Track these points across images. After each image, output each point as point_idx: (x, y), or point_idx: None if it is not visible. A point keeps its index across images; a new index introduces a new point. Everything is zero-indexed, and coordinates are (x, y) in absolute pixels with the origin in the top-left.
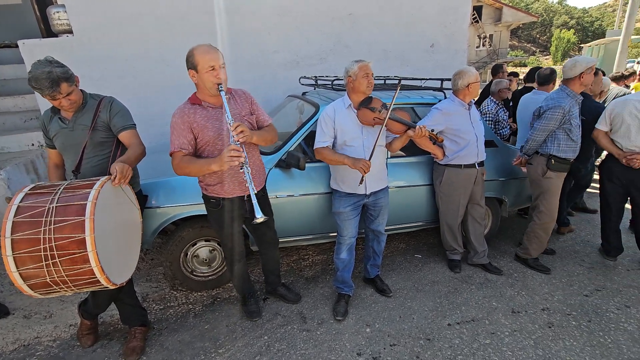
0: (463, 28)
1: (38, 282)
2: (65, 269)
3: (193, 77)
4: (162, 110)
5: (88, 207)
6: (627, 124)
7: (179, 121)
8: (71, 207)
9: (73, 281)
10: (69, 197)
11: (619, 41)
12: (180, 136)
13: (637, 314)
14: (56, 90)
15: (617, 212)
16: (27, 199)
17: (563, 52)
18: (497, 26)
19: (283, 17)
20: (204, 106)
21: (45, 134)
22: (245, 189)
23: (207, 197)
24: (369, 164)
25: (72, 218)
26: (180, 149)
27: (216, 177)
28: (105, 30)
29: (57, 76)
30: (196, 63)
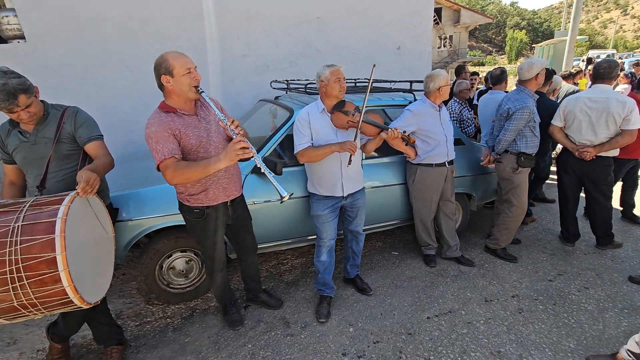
0: (427, 30)
1: (4, 306)
2: (34, 291)
3: (168, 82)
4: (126, 118)
5: (58, 224)
6: (579, 119)
7: (159, 129)
8: (39, 225)
9: (43, 303)
10: (35, 214)
11: (567, 41)
12: (167, 142)
13: (595, 294)
14: (13, 103)
15: (573, 201)
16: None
17: (517, 52)
18: (456, 27)
19: (251, 21)
20: (179, 114)
21: (2, 149)
22: (229, 194)
23: (190, 208)
24: (355, 144)
25: (40, 237)
26: (171, 155)
27: (200, 186)
28: (62, 36)
29: (14, 88)
30: (171, 67)
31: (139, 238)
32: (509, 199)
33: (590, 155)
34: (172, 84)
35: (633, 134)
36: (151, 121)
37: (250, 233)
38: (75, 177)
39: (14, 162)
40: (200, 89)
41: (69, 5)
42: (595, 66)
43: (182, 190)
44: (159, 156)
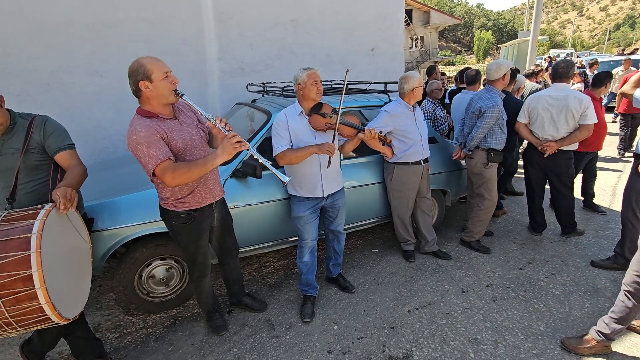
0: (398, 32)
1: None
2: (9, 310)
3: (147, 88)
4: (97, 125)
5: (33, 240)
6: (542, 116)
7: (147, 134)
8: (12, 241)
9: (19, 322)
10: (8, 230)
11: (529, 41)
12: (159, 146)
13: (561, 279)
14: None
15: (539, 193)
16: None
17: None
18: (427, 28)
19: (224, 23)
20: (161, 118)
21: None
22: (215, 194)
23: (177, 213)
24: (334, 146)
25: (14, 254)
26: (167, 157)
27: (187, 189)
28: (25, 40)
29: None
30: (150, 72)
31: (116, 248)
32: (481, 193)
33: (552, 149)
34: (151, 89)
35: (590, 128)
36: (136, 127)
37: (232, 234)
38: (46, 188)
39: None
40: (180, 92)
41: (32, 9)
42: (554, 66)
43: (169, 196)
44: (154, 160)
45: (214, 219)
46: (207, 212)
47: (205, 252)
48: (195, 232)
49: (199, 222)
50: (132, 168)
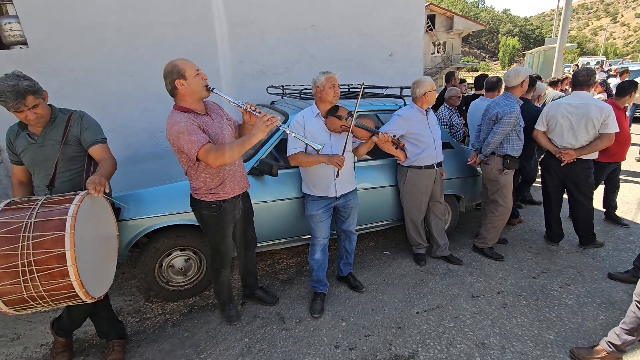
0: (418, 38)
1: (14, 298)
2: (43, 284)
3: (182, 85)
4: (126, 122)
5: (68, 222)
6: (560, 124)
7: (187, 123)
8: (50, 222)
9: (51, 296)
10: (47, 212)
11: (556, 48)
12: (198, 132)
13: (575, 290)
14: (21, 102)
15: (556, 202)
16: (3, 215)
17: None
18: (450, 34)
19: (247, 28)
20: (196, 114)
21: (11, 150)
22: (242, 186)
23: (208, 203)
24: (343, 159)
25: (51, 233)
26: (207, 141)
27: (218, 179)
28: (63, 41)
29: (23, 89)
30: (183, 71)
31: (139, 237)
32: (495, 199)
33: (571, 158)
34: (186, 86)
35: (611, 137)
36: (176, 119)
37: (252, 227)
38: (80, 178)
39: (22, 163)
40: (211, 87)
41: (69, 12)
42: (574, 74)
43: (201, 186)
44: (197, 145)
45: (239, 210)
46: (234, 203)
47: (229, 243)
48: (223, 221)
49: (227, 212)
50: (157, 163)
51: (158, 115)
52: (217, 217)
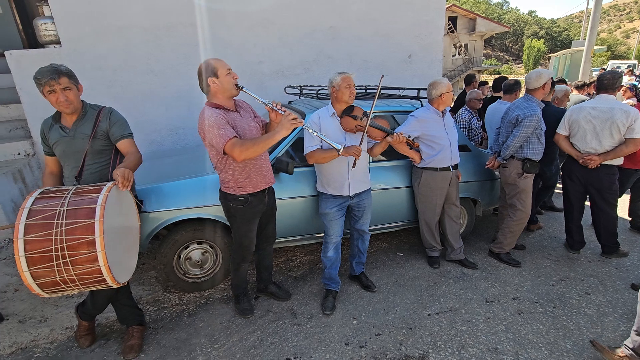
0: (438, 40)
1: (47, 281)
2: (74, 268)
3: (214, 83)
4: (149, 119)
5: (97, 210)
6: (583, 128)
7: (217, 118)
8: (81, 210)
9: (81, 280)
10: (78, 200)
11: (583, 51)
12: (227, 127)
13: (596, 299)
14: (54, 79)
15: (578, 209)
16: (37, 203)
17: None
18: (472, 36)
19: (267, 28)
20: (226, 110)
21: (45, 142)
22: (268, 180)
23: (235, 196)
24: (360, 149)
25: (82, 220)
26: (234, 135)
27: (245, 173)
28: (93, 42)
29: (61, 70)
30: (216, 69)
31: (159, 229)
32: (514, 204)
33: (595, 163)
34: (217, 84)
35: (637, 142)
36: (207, 114)
37: (273, 222)
38: (107, 171)
39: (54, 154)
40: (241, 85)
41: (101, 14)
42: (599, 77)
43: (229, 179)
44: (224, 139)
45: (265, 205)
46: (260, 197)
47: (253, 237)
48: (248, 214)
49: (254, 205)
50: (177, 159)
51: (179, 113)
52: (243, 209)
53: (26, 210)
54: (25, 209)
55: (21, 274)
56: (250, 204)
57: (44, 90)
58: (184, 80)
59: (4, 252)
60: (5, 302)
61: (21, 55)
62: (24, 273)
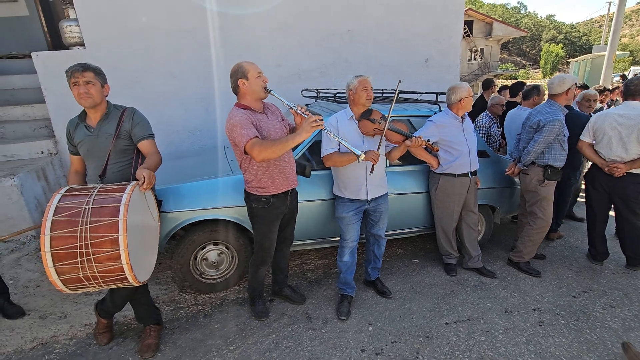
0: (456, 44)
1: (71, 277)
2: (97, 266)
3: (244, 85)
4: (168, 120)
5: (122, 209)
6: (609, 135)
7: (242, 118)
8: (106, 208)
9: (103, 277)
10: (103, 199)
11: (605, 56)
12: (250, 127)
13: (621, 313)
14: (79, 70)
15: (601, 218)
16: (64, 200)
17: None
18: (488, 40)
19: (286, 32)
20: (253, 111)
21: (70, 141)
22: (291, 182)
23: (258, 197)
24: (378, 154)
25: (106, 219)
26: (255, 135)
27: (267, 174)
28: (116, 43)
29: (89, 66)
30: (246, 72)
31: (177, 229)
32: (534, 211)
33: (621, 172)
34: (247, 86)
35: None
36: (234, 113)
37: (293, 224)
38: (129, 170)
39: (79, 153)
40: (269, 88)
41: (124, 17)
42: (626, 83)
43: (252, 179)
44: (245, 138)
45: (287, 207)
46: (282, 199)
47: (274, 239)
48: (270, 215)
49: (276, 207)
50: (194, 160)
51: (197, 114)
52: (265, 210)
53: (53, 207)
54: (52, 206)
55: (46, 269)
56: (273, 205)
57: (70, 82)
58: (203, 82)
59: (26, 248)
60: (27, 298)
61: (47, 57)
62: (49, 269)
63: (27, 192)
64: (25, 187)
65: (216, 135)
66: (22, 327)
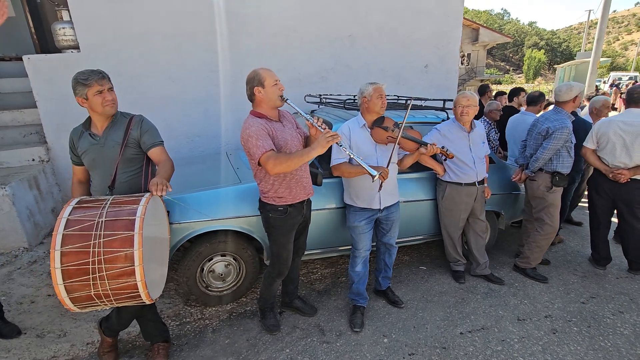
0: (454, 50)
1: (82, 295)
2: (110, 282)
3: (259, 93)
4: (168, 125)
5: (137, 223)
6: (613, 142)
7: (259, 128)
8: (120, 221)
9: (115, 295)
10: (117, 211)
11: (589, 63)
12: (266, 139)
13: (630, 319)
14: (103, 80)
15: (605, 223)
16: (75, 213)
17: (534, 71)
18: (475, 46)
19: (288, 37)
20: (268, 119)
21: (73, 151)
22: (308, 192)
23: (275, 207)
24: (387, 171)
25: (121, 232)
26: (270, 148)
27: (285, 183)
28: (113, 47)
29: (104, 72)
30: (263, 79)
31: (184, 241)
32: (541, 218)
33: (625, 178)
34: (262, 94)
35: None
36: (250, 123)
37: (306, 234)
38: (138, 179)
39: (82, 163)
40: (285, 97)
41: (122, 19)
42: (629, 91)
43: (269, 189)
44: (260, 150)
45: (302, 216)
46: (299, 208)
47: (290, 249)
48: (287, 225)
49: (293, 216)
50: (199, 168)
51: (197, 120)
52: (282, 220)
53: (64, 220)
54: (63, 219)
55: (55, 287)
56: (290, 215)
57: (89, 91)
58: (202, 86)
59: (18, 261)
60: (22, 315)
61: (39, 60)
62: (58, 286)
63: (19, 202)
64: (17, 196)
65: (216, 141)
66: (19, 348)
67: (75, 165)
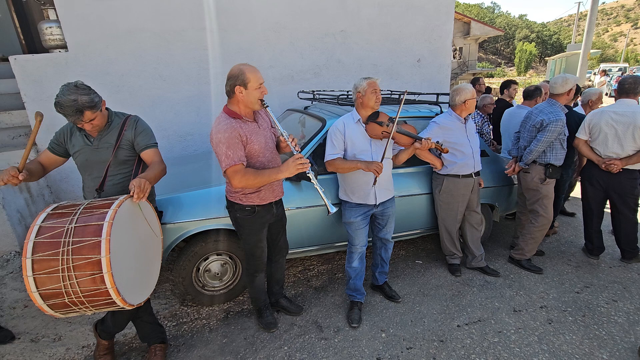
0: (446, 44)
1: (58, 302)
2: (82, 290)
3: (240, 93)
4: (158, 125)
5: (105, 228)
6: (605, 132)
7: (231, 135)
8: (89, 227)
9: (90, 302)
10: (87, 217)
11: (579, 55)
12: (237, 149)
13: (624, 307)
14: (79, 118)
15: (598, 214)
16: (48, 219)
17: (526, 64)
18: (466, 39)
19: (279, 33)
20: (244, 120)
21: (59, 143)
22: (276, 195)
23: (242, 206)
24: (381, 166)
25: (89, 239)
26: (240, 161)
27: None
28: (101, 46)
29: (82, 104)
30: (247, 80)
31: (179, 241)
32: (535, 209)
33: (617, 168)
34: (243, 95)
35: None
36: (222, 127)
37: (284, 233)
38: (128, 183)
39: (58, 154)
40: (266, 103)
41: (109, 18)
42: (620, 82)
43: (238, 190)
44: (229, 161)
45: (273, 215)
46: (268, 208)
47: (264, 246)
48: (256, 225)
49: (261, 216)
50: (192, 167)
51: (188, 119)
52: (251, 220)
53: (36, 227)
54: (36, 226)
55: (30, 295)
56: (258, 214)
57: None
58: (193, 85)
59: (10, 265)
60: (15, 320)
61: (26, 60)
62: (32, 294)
63: (9, 205)
64: (7, 200)
65: (209, 140)
66: (14, 353)
67: (52, 153)
